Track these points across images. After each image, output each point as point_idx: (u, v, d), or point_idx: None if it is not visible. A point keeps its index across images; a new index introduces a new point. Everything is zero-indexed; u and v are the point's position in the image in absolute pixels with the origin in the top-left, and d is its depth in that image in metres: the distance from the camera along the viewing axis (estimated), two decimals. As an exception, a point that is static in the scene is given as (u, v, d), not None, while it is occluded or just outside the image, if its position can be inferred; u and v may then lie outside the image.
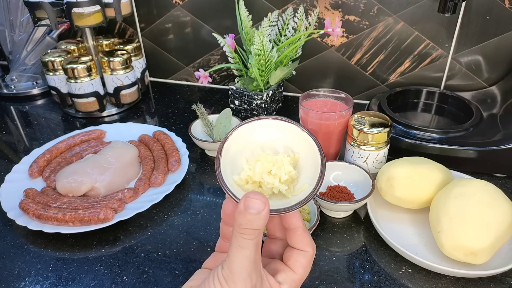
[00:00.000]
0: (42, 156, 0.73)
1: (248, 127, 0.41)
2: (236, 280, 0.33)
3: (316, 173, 0.38)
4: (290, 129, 0.41)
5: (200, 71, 0.88)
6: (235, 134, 0.41)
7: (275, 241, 0.43)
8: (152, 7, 1.00)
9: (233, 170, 0.41)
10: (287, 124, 0.41)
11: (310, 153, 0.40)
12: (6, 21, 1.01)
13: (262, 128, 0.42)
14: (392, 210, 0.62)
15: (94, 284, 0.52)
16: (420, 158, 0.62)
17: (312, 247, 0.39)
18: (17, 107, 1.00)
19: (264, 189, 0.39)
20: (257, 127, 0.42)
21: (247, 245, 0.33)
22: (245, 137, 0.42)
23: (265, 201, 0.34)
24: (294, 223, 0.39)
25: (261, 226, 0.34)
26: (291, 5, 0.89)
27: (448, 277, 0.52)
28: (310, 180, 0.38)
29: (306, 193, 0.37)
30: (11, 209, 0.62)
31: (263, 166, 0.40)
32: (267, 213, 0.34)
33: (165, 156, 0.73)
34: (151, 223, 0.62)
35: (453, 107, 0.83)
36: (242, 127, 0.41)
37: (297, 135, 0.41)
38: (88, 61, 0.89)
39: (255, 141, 0.42)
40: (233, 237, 0.34)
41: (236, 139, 0.41)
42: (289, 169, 0.40)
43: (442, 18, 0.82)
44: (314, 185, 0.37)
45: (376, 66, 0.91)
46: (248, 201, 0.34)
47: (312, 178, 0.38)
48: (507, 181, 0.69)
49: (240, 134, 0.41)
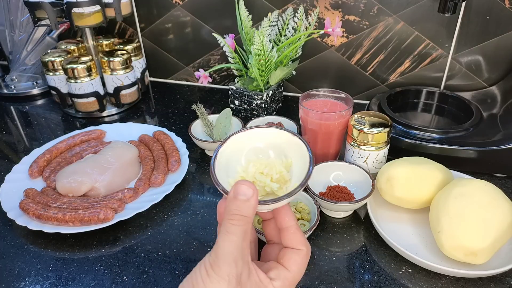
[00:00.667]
0: (42, 156, 0.73)
1: (243, 135, 0.44)
2: (221, 264, 0.33)
3: (305, 171, 0.40)
4: (282, 136, 0.44)
5: (200, 71, 0.88)
6: (230, 140, 0.44)
7: (273, 245, 0.43)
8: (152, 7, 1.00)
9: (228, 173, 0.42)
10: (279, 132, 0.44)
11: (301, 157, 0.42)
12: (6, 21, 1.01)
13: (257, 136, 0.45)
14: (392, 210, 0.62)
15: (94, 284, 0.52)
16: (420, 158, 0.62)
17: (306, 245, 0.40)
18: (17, 107, 1.00)
19: (257, 189, 0.41)
20: (252, 135, 0.45)
21: (234, 231, 0.34)
22: (240, 143, 0.44)
23: (253, 188, 0.35)
24: (287, 222, 0.40)
25: (250, 213, 0.35)
26: (291, 5, 0.89)
27: (448, 277, 0.52)
28: (301, 180, 0.40)
29: (294, 187, 0.39)
30: (11, 209, 0.62)
31: (255, 167, 0.42)
32: (256, 201, 0.35)
33: (165, 156, 0.73)
34: (151, 223, 0.62)
35: (453, 107, 0.83)
36: (237, 135, 0.44)
37: (289, 141, 0.44)
38: (88, 61, 0.89)
39: (249, 147, 0.45)
40: (223, 225, 0.35)
41: (232, 145, 0.44)
42: (280, 169, 0.42)
43: (442, 18, 0.82)
44: (303, 178, 0.39)
45: (376, 66, 0.91)
46: (237, 188, 0.35)
47: (303, 177, 0.40)
48: (507, 181, 0.69)
49: (236, 140, 0.44)
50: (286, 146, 0.44)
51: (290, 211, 0.40)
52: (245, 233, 0.35)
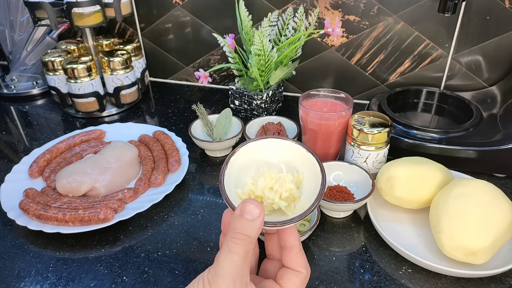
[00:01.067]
0: (42, 156, 0.73)
1: (256, 144, 0.43)
2: (220, 283, 0.33)
3: (316, 191, 0.39)
4: (297, 150, 0.42)
5: (200, 71, 0.88)
6: (243, 149, 0.42)
7: (273, 261, 0.42)
8: (152, 7, 1.00)
9: (237, 183, 0.41)
10: (294, 145, 0.43)
11: (313, 175, 0.41)
12: (6, 21, 1.01)
13: (270, 147, 0.43)
14: (392, 210, 0.62)
15: (94, 284, 0.52)
16: (420, 158, 0.62)
17: (306, 268, 0.39)
18: (17, 107, 1.00)
19: (265, 205, 0.40)
20: (265, 145, 0.43)
21: (236, 250, 0.34)
22: (252, 153, 0.43)
23: (261, 209, 0.34)
24: (291, 241, 0.39)
25: (254, 233, 0.34)
26: (291, 5, 0.89)
27: (448, 277, 0.52)
28: (312, 201, 0.39)
29: (303, 210, 0.38)
30: (11, 209, 0.62)
31: (265, 182, 0.40)
32: (262, 221, 0.34)
33: (165, 156, 0.73)
34: (151, 223, 0.62)
35: (453, 107, 0.83)
36: (250, 144, 0.43)
37: (303, 157, 0.42)
38: (88, 61, 0.89)
39: (261, 159, 0.43)
40: (225, 241, 0.34)
41: (244, 154, 0.42)
42: (291, 186, 0.40)
43: (442, 18, 0.82)
44: (312, 202, 0.38)
45: (376, 66, 0.91)
46: (244, 206, 0.34)
47: (313, 198, 0.39)
48: (507, 181, 0.69)
49: (248, 150, 0.43)
50: (299, 160, 0.43)
51: (295, 230, 0.39)
52: (246, 252, 0.34)
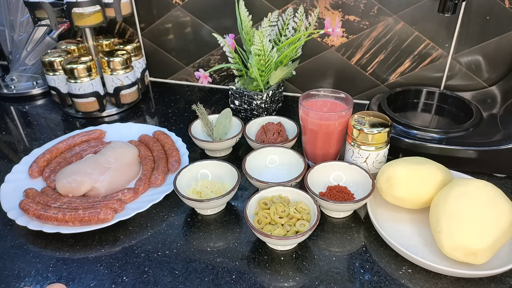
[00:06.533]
0: (42, 156, 0.73)
1: (198, 164, 0.64)
2: None
3: None
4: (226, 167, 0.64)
5: (200, 71, 0.88)
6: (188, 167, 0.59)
7: None
8: (152, 7, 1.00)
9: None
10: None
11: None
12: (6, 21, 1.01)
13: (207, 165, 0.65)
14: (392, 210, 0.62)
15: (94, 284, 0.52)
16: (420, 158, 0.62)
17: None
18: (17, 107, 1.00)
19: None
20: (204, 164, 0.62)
21: None
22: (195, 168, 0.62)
23: None
24: None
25: None
26: (291, 5, 0.89)
27: (448, 277, 0.52)
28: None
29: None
30: (11, 209, 0.62)
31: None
32: None
33: (165, 156, 0.73)
34: (151, 223, 0.62)
35: (453, 107, 0.83)
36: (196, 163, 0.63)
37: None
38: (88, 61, 0.89)
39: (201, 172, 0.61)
40: None
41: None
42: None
43: (442, 18, 0.82)
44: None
45: (376, 66, 0.91)
46: None
47: None
48: (507, 181, 0.69)
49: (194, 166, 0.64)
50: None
51: None
52: None
